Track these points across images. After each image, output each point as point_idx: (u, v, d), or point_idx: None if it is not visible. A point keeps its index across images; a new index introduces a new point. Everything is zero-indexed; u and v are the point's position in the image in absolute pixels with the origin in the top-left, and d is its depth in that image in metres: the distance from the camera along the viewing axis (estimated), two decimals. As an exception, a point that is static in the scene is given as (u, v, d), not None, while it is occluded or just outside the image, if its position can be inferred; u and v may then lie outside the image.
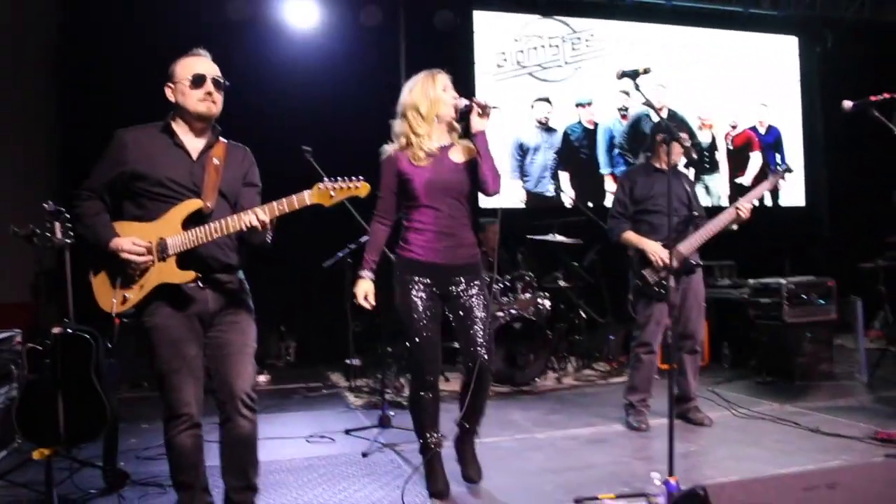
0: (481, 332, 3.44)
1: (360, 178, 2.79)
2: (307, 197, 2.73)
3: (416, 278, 3.40)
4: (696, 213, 4.70)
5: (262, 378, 6.43)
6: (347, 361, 6.55)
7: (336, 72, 7.40)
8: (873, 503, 2.33)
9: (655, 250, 4.56)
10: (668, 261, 4.40)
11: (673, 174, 4.76)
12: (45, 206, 3.69)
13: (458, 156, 3.46)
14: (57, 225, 3.67)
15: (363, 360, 6.60)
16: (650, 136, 5.04)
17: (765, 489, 2.32)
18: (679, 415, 4.70)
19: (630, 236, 4.71)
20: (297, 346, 7.47)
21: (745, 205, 4.54)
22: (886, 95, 3.96)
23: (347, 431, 4.77)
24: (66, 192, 6.17)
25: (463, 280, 3.46)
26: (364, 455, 4.25)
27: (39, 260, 3.72)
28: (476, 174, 3.41)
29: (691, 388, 4.78)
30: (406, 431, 4.60)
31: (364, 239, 5.34)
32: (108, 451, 3.79)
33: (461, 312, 3.46)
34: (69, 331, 3.66)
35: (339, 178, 2.77)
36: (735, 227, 4.60)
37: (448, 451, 3.62)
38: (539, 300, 6.35)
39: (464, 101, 3.40)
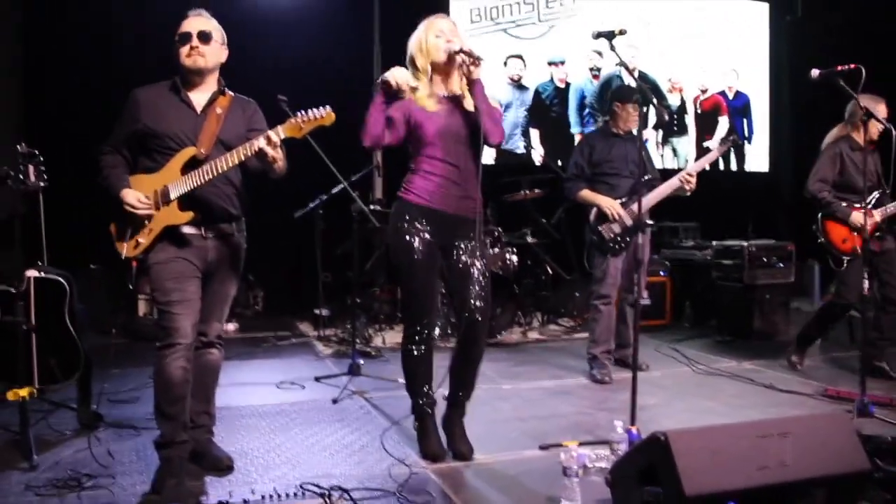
0: (477, 295, 3.31)
1: (327, 107, 2.89)
2: (280, 131, 2.88)
3: (417, 224, 3.26)
4: (649, 176, 4.84)
5: (231, 326, 6.46)
6: (316, 311, 6.61)
7: (309, 22, 7.31)
8: (820, 450, 2.47)
9: (611, 205, 4.78)
10: (623, 215, 4.73)
11: (628, 138, 4.95)
12: (18, 147, 3.64)
13: (471, 105, 3.34)
14: (31, 168, 3.63)
15: (331, 310, 6.66)
16: (608, 102, 5.17)
17: (721, 436, 2.45)
18: (618, 360, 5.09)
19: (586, 194, 4.91)
20: (265, 295, 7.48)
21: (691, 173, 4.71)
22: (853, 66, 4.06)
23: (317, 379, 4.85)
24: (33, 133, 6.14)
25: (463, 236, 3.33)
26: (334, 401, 4.33)
27: (11, 203, 3.67)
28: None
29: (629, 335, 4.93)
30: (376, 380, 4.70)
31: (335, 190, 5.41)
32: (81, 393, 3.83)
33: (457, 272, 3.34)
34: (43, 274, 3.67)
35: (307, 110, 2.88)
36: (687, 193, 4.76)
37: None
38: (507, 255, 6.44)
39: (455, 46, 3.29)
